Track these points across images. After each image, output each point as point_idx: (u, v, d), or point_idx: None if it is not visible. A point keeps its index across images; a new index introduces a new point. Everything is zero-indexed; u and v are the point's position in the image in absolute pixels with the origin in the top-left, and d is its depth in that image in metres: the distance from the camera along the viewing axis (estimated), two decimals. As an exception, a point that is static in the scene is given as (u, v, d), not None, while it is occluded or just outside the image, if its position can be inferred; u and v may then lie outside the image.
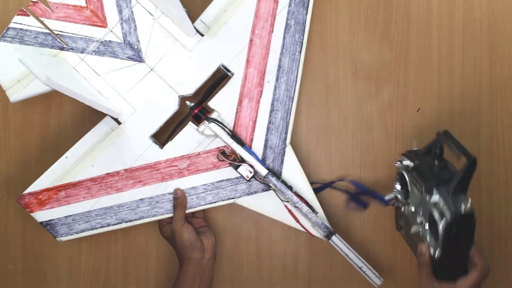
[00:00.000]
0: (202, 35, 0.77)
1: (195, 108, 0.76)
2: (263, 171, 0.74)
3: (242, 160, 0.75)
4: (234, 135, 0.75)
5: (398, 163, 0.72)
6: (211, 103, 0.77)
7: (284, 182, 0.74)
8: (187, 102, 0.77)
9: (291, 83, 0.77)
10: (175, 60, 0.77)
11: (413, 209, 0.70)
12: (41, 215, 0.77)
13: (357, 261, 0.74)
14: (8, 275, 0.85)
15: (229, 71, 0.77)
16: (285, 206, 0.76)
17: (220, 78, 0.77)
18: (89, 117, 0.84)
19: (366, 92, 0.83)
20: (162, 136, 0.78)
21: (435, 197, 0.64)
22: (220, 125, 0.75)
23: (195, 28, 0.77)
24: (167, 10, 0.75)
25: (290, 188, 0.74)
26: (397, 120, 0.82)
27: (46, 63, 0.72)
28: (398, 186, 0.75)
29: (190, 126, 0.76)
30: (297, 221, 0.76)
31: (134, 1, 0.78)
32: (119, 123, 0.77)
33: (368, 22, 0.83)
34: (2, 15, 0.86)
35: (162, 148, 0.77)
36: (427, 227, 0.67)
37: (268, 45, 0.77)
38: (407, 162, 0.70)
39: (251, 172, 0.75)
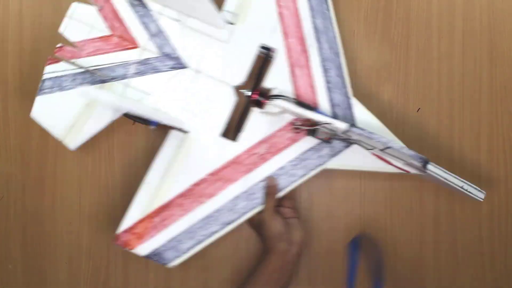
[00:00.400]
0: (232, 24, 0.78)
1: (253, 93, 0.76)
2: (343, 125, 0.74)
3: (317, 124, 0.75)
4: (302, 103, 0.75)
5: None
6: (266, 83, 0.77)
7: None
8: (243, 91, 0.76)
9: (331, 40, 0.78)
10: (216, 55, 0.77)
11: None
12: (143, 249, 0.73)
13: (457, 182, 0.74)
14: (8, 275, 0.84)
15: (269, 49, 0.78)
16: (373, 153, 0.76)
17: (265, 57, 0.78)
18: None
19: (366, 92, 0.84)
20: (229, 130, 0.77)
21: None
22: (285, 97, 0.75)
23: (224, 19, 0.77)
24: (193, 10, 0.75)
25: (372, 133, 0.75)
26: (397, 120, 0.82)
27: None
28: None
29: (256, 112, 0.76)
30: (389, 163, 0.76)
31: (156, 14, 0.77)
32: (186, 132, 0.76)
33: (368, 22, 0.85)
34: (2, 16, 0.85)
35: (236, 142, 0.76)
36: None
37: (296, 12, 0.78)
38: None
39: (329, 133, 0.75)
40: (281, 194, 0.75)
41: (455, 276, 0.81)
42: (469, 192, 0.74)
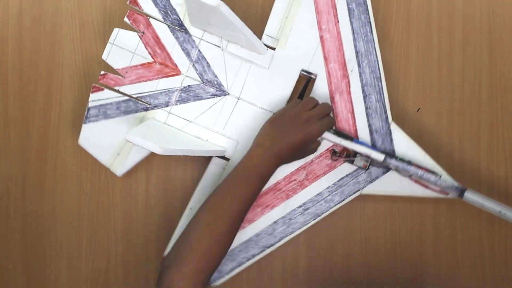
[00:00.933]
0: (273, 49, 0.77)
1: (292, 120, 0.77)
2: (380, 157, 0.75)
3: (356, 153, 0.76)
4: (339, 133, 0.76)
5: None
6: (306, 110, 0.77)
7: (402, 159, 0.76)
8: (283, 117, 0.77)
9: (373, 64, 0.77)
10: (257, 82, 0.78)
11: None
12: (188, 270, 0.78)
13: (495, 207, 0.75)
14: (8, 275, 0.85)
15: (311, 73, 0.77)
16: (410, 178, 0.77)
17: (306, 83, 0.78)
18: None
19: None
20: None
21: None
22: (324, 128, 0.76)
23: (264, 44, 0.77)
24: (234, 38, 0.75)
25: (409, 163, 0.76)
26: (397, 120, 0.80)
27: (146, 131, 0.72)
28: None
29: (295, 138, 0.77)
30: (427, 187, 0.77)
31: (197, 40, 0.77)
32: (227, 159, 0.78)
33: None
34: (2, 16, 0.86)
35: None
36: None
37: (338, 36, 0.77)
38: None
39: (367, 161, 0.76)
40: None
41: (455, 276, 0.83)
42: (507, 217, 0.75)
